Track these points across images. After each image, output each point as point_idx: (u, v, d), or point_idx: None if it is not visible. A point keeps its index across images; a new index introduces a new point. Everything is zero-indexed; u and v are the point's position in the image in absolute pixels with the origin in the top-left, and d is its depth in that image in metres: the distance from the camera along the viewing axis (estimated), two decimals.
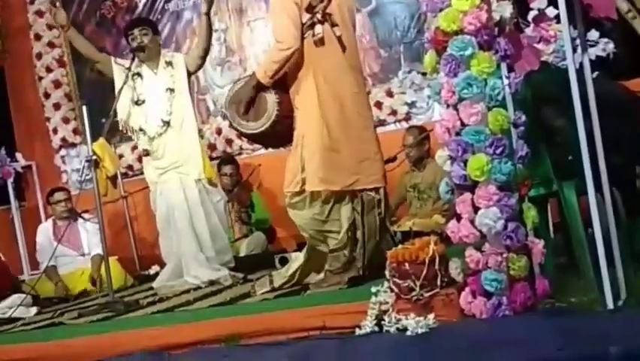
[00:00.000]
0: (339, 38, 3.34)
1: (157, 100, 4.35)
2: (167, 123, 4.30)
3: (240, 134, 3.65)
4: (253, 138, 3.64)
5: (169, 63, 4.41)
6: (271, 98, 3.37)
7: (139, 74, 4.39)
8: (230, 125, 3.59)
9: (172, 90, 4.36)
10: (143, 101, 4.35)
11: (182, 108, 4.35)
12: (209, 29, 4.33)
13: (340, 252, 3.36)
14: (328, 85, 3.33)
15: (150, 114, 4.35)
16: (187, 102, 4.38)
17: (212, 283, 4.19)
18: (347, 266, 3.36)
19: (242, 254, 5.01)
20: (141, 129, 4.34)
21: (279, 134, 3.47)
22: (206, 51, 4.44)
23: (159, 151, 4.35)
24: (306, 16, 3.30)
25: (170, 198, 4.34)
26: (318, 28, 3.29)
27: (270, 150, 5.73)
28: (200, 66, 4.53)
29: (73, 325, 3.74)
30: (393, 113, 5.42)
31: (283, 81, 3.39)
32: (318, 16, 3.30)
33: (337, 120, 3.33)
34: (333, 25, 3.34)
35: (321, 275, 3.44)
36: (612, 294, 2.35)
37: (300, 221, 3.43)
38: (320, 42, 3.30)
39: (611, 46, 3.99)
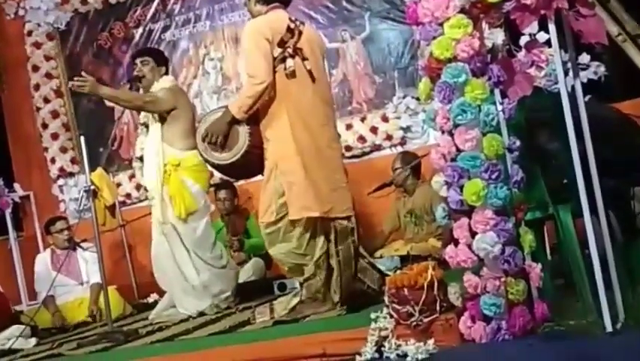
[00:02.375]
0: (309, 72, 3.44)
1: (152, 134, 4.33)
2: (139, 159, 4.31)
3: (212, 166, 3.68)
4: (223, 170, 3.69)
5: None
6: (243, 130, 3.44)
7: None
8: (201, 156, 3.63)
9: (146, 126, 4.38)
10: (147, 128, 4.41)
11: (155, 144, 4.25)
12: None
13: (311, 280, 3.42)
14: (299, 117, 3.41)
15: (147, 143, 4.40)
16: (157, 138, 4.25)
17: (201, 313, 4.18)
18: (321, 296, 3.42)
19: (240, 280, 5.00)
20: (141, 158, 4.39)
21: (249, 166, 3.54)
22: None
23: (148, 183, 4.37)
24: (277, 51, 3.39)
25: (153, 232, 4.36)
26: (290, 61, 3.39)
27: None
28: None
29: (72, 356, 3.72)
30: (389, 138, 5.47)
31: (254, 113, 3.45)
32: (289, 50, 3.40)
33: (310, 151, 3.41)
34: (304, 59, 3.44)
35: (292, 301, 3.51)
36: (610, 316, 2.36)
37: (277, 255, 3.49)
38: (291, 75, 3.39)
39: (602, 69, 4.05)
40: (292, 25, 3.45)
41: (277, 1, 3.51)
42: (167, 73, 4.44)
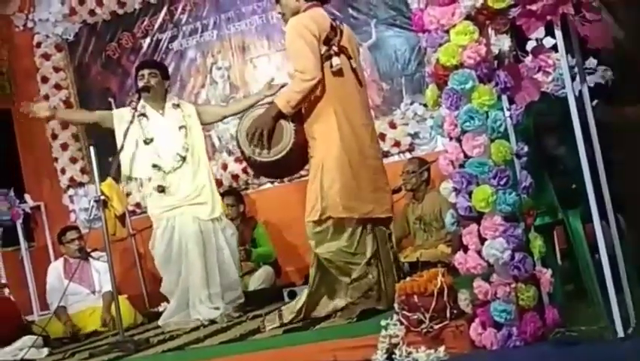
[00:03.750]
0: (354, 70, 3.44)
1: (169, 137, 4.45)
2: (183, 158, 4.39)
3: (251, 164, 3.63)
4: (263, 168, 3.64)
5: (177, 105, 4.57)
6: (288, 127, 3.40)
7: (144, 115, 4.46)
8: (242, 154, 3.58)
9: (184, 127, 4.48)
10: (152, 140, 4.42)
11: (195, 145, 4.49)
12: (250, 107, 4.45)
13: (363, 280, 3.36)
14: (345, 115, 3.39)
15: (163, 151, 4.43)
16: (200, 140, 4.53)
17: (212, 321, 4.21)
18: (375, 294, 3.37)
19: (250, 289, 5.01)
20: (155, 165, 4.40)
21: (291, 164, 3.52)
22: (228, 117, 4.75)
23: (173, 187, 4.41)
24: (323, 48, 3.36)
25: (185, 231, 4.37)
26: (336, 59, 3.37)
27: (276, 184, 5.82)
28: (214, 123, 4.92)
29: None
30: (397, 144, 5.47)
31: (298, 111, 3.43)
32: (335, 48, 3.38)
33: (355, 150, 3.39)
34: (349, 57, 3.43)
35: (338, 303, 3.45)
36: (622, 321, 2.35)
37: (325, 253, 3.40)
38: (338, 73, 3.37)
39: (609, 73, 4.02)
40: (334, 24, 3.44)
41: None
42: (168, 87, 4.64)
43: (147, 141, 4.42)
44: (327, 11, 3.56)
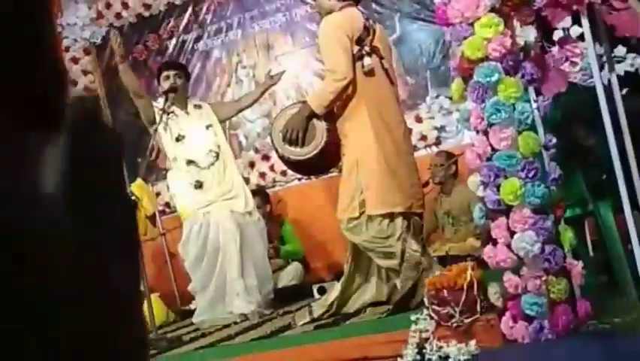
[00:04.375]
0: (386, 70, 3.48)
1: (199, 134, 4.53)
2: (217, 155, 4.45)
3: (285, 161, 3.66)
4: (296, 165, 3.68)
5: (198, 106, 4.67)
6: (321, 126, 3.44)
7: (173, 112, 4.53)
8: (276, 152, 3.64)
9: (211, 126, 4.57)
10: (184, 137, 4.50)
11: (222, 143, 4.59)
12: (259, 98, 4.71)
13: (405, 255, 3.33)
14: (378, 113, 3.42)
15: (196, 147, 4.50)
16: (223, 137, 4.64)
17: (244, 317, 4.25)
18: (425, 263, 3.35)
19: (280, 286, 5.04)
20: (191, 161, 4.46)
21: (323, 162, 3.56)
22: (243, 110, 4.87)
23: (208, 182, 4.47)
24: (355, 48, 3.38)
25: (220, 226, 4.43)
26: (367, 59, 3.38)
27: (303, 181, 5.84)
28: (230, 118, 4.92)
29: None
30: (423, 138, 5.44)
31: (330, 110, 3.46)
32: (367, 48, 3.39)
33: (390, 147, 3.42)
34: (381, 57, 3.46)
35: (366, 297, 3.50)
36: None
37: (362, 242, 3.43)
38: (369, 73, 3.39)
39: (639, 60, 3.96)
40: (367, 24, 3.47)
41: None
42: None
43: (179, 138, 4.48)
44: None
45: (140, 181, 4.45)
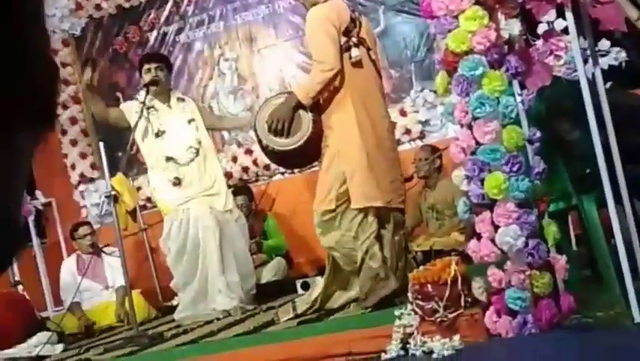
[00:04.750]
0: (373, 62, 3.45)
1: (180, 130, 4.45)
2: (196, 151, 4.39)
3: (267, 153, 3.61)
4: (279, 157, 3.61)
5: (181, 99, 4.59)
6: (307, 117, 3.40)
7: (154, 107, 4.46)
8: (259, 143, 3.57)
9: (194, 120, 4.49)
10: (164, 132, 4.43)
11: (203, 138, 4.50)
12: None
13: (365, 266, 3.32)
14: (364, 106, 3.39)
15: (176, 143, 4.43)
16: (205, 133, 4.55)
17: (227, 313, 4.22)
18: (383, 274, 3.32)
19: (263, 281, 5.01)
20: (170, 158, 4.40)
21: (307, 154, 3.51)
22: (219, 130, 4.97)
23: (187, 179, 4.41)
24: (343, 39, 3.36)
25: (199, 223, 4.38)
26: (355, 51, 3.36)
27: (287, 175, 5.81)
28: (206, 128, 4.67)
29: (99, 360, 3.76)
30: (408, 132, 5.43)
31: (316, 101, 3.42)
32: (354, 39, 3.37)
33: (373, 141, 3.39)
34: (369, 49, 3.43)
35: (352, 294, 3.46)
36: (638, 307, 2.32)
37: (329, 242, 3.42)
38: (357, 64, 3.37)
39: (622, 54, 3.98)
40: (353, 15, 3.45)
41: None
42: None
43: (159, 134, 4.42)
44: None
45: (120, 176, 4.40)
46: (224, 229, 4.38)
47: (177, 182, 4.40)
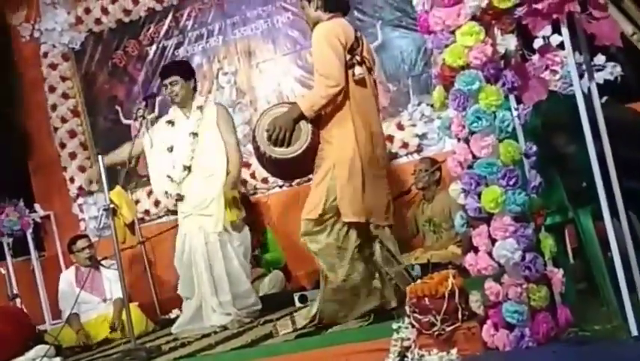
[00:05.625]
0: (374, 81, 3.53)
1: (182, 145, 4.45)
2: (187, 168, 4.38)
3: (264, 160, 3.60)
4: (276, 165, 3.60)
5: (200, 107, 4.50)
6: (306, 128, 3.43)
7: (171, 122, 4.49)
8: (257, 150, 3.57)
9: (195, 135, 4.43)
10: (172, 148, 4.44)
11: (204, 153, 4.41)
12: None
13: (349, 279, 3.39)
14: (364, 123, 3.44)
15: (176, 160, 4.45)
16: (213, 147, 4.41)
17: (224, 328, 4.21)
18: (365, 290, 3.40)
19: (261, 294, 5.01)
20: (168, 176, 4.43)
21: (304, 165, 3.53)
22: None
23: (186, 195, 4.43)
24: (347, 56, 3.40)
25: (191, 241, 4.38)
26: (358, 69, 3.41)
27: (284, 188, 5.82)
28: None
29: None
30: (405, 145, 5.45)
31: (318, 114, 3.45)
32: (358, 57, 3.42)
33: (369, 158, 3.43)
34: (370, 69, 3.50)
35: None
36: (635, 320, 2.33)
37: (316, 247, 3.46)
38: (360, 82, 3.42)
39: (618, 69, 4.00)
40: (357, 35, 3.50)
41: (339, 9, 3.53)
42: (196, 87, 4.55)
43: (170, 150, 4.45)
44: None
45: (118, 188, 4.40)
46: (215, 251, 4.33)
47: (180, 198, 4.42)
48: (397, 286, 3.44)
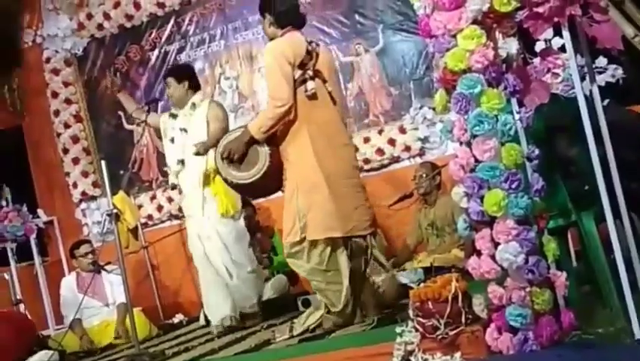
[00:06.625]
0: (329, 93, 3.51)
1: (177, 139, 4.53)
2: (181, 162, 4.41)
3: (229, 185, 3.70)
4: (240, 188, 3.71)
5: (193, 104, 4.53)
6: (263, 150, 3.48)
7: (174, 115, 4.57)
8: (219, 175, 3.69)
9: (185, 130, 4.48)
10: (173, 140, 4.53)
11: (192, 148, 4.44)
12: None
13: (347, 308, 3.46)
14: (322, 137, 3.45)
15: (173, 152, 4.52)
16: (197, 141, 4.43)
17: (228, 330, 4.26)
18: (349, 310, 3.47)
19: (264, 298, 5.00)
20: (170, 165, 4.55)
21: (267, 185, 3.58)
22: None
23: (184, 188, 4.49)
24: (297, 73, 3.43)
25: (192, 234, 4.48)
26: (310, 84, 3.44)
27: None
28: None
29: None
30: (407, 149, 5.45)
31: (272, 134, 3.48)
32: (310, 72, 3.44)
33: (334, 169, 3.45)
34: (324, 81, 3.50)
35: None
36: (639, 322, 2.32)
37: (302, 272, 3.53)
38: (312, 97, 3.44)
39: (619, 71, 4.00)
40: (310, 48, 3.50)
41: (292, 24, 3.55)
42: (192, 86, 4.55)
43: (173, 141, 4.53)
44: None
45: (121, 194, 4.42)
46: (209, 240, 4.42)
47: (173, 187, 4.58)
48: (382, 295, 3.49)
